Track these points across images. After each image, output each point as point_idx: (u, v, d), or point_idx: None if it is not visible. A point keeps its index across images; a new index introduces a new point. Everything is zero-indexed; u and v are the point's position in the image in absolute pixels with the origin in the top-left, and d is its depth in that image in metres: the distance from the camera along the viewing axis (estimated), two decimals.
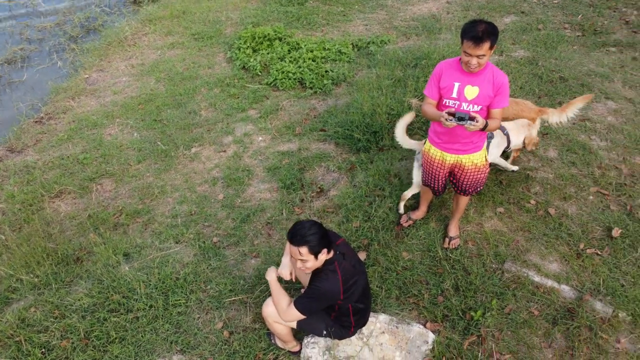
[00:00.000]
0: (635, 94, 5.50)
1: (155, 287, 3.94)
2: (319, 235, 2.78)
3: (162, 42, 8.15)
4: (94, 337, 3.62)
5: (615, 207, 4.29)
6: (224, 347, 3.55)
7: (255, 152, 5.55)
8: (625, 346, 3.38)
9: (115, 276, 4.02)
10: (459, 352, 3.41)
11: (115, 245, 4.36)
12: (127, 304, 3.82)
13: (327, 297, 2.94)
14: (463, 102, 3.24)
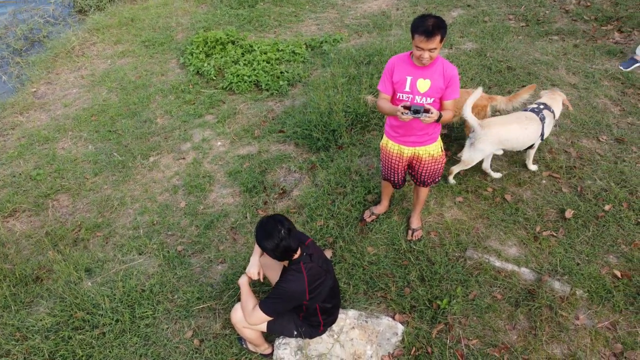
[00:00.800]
0: (579, 80, 5.74)
1: (120, 300, 3.86)
2: (287, 224, 2.82)
3: (112, 51, 7.96)
4: (59, 357, 3.52)
5: (566, 189, 4.48)
6: (195, 356, 3.52)
7: (215, 157, 5.51)
8: (584, 322, 3.54)
9: (78, 293, 3.92)
10: (428, 340, 3.49)
11: (75, 262, 4.25)
12: (92, 321, 3.73)
13: (293, 298, 2.95)
14: (416, 96, 3.31)
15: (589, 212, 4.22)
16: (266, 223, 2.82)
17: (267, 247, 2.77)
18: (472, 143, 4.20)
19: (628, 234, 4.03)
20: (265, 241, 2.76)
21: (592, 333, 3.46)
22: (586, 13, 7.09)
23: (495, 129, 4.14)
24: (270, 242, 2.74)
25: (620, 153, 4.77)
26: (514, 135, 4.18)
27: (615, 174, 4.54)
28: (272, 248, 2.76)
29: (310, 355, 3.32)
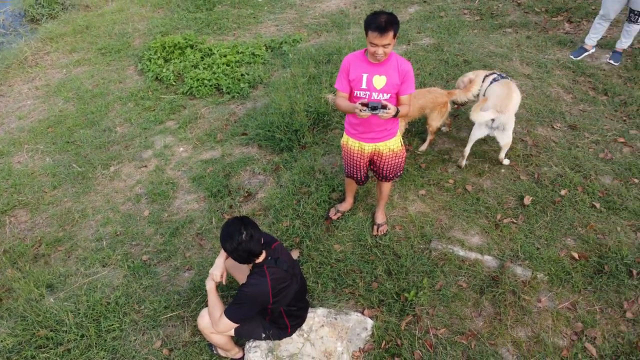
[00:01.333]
0: (532, 70, 5.90)
1: (85, 315, 3.78)
2: (251, 226, 2.80)
3: (67, 60, 7.78)
4: None
5: (524, 176, 4.60)
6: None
7: (178, 164, 5.44)
8: (546, 304, 3.64)
9: (40, 310, 3.82)
10: (398, 333, 3.53)
11: (36, 278, 4.14)
12: (56, 338, 3.64)
13: (256, 302, 2.93)
14: (373, 92, 3.34)
15: (547, 198, 4.34)
16: (229, 225, 2.79)
17: (227, 248, 2.76)
18: (504, 129, 4.34)
19: (584, 217, 4.17)
20: (226, 243, 2.74)
21: (554, 314, 3.56)
22: (537, 5, 7.29)
23: (510, 108, 4.30)
24: (230, 244, 2.72)
25: (573, 139, 4.93)
26: (518, 100, 4.43)
27: (570, 160, 4.69)
28: (232, 250, 2.74)
29: (281, 357, 3.32)
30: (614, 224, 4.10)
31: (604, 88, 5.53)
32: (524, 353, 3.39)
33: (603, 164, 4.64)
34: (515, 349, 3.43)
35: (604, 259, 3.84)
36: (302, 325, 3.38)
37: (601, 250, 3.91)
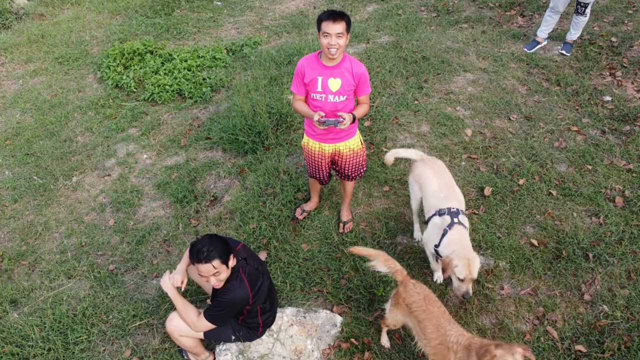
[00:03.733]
0: (488, 64, 6.06)
1: (51, 328, 3.72)
2: (222, 244, 2.79)
3: (23, 70, 7.59)
4: None
5: (484, 168, 4.73)
6: None
7: (142, 171, 5.39)
8: (508, 291, 3.76)
9: (4, 326, 3.74)
10: (366, 329, 3.59)
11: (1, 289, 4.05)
12: (21, 353, 3.57)
13: (238, 305, 2.96)
14: (329, 94, 3.38)
15: (506, 188, 4.48)
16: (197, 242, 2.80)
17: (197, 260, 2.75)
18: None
19: (541, 205, 4.31)
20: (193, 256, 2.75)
21: (517, 301, 3.68)
22: (491, 0, 7.48)
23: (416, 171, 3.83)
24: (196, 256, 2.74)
25: (529, 130, 5.09)
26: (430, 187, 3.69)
27: (527, 150, 4.84)
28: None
29: (252, 358, 3.34)
30: (570, 210, 4.25)
31: (556, 79, 5.72)
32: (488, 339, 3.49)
33: (558, 152, 4.80)
34: (480, 335, 3.53)
35: (561, 244, 3.98)
36: (271, 326, 3.40)
37: (559, 236, 4.05)
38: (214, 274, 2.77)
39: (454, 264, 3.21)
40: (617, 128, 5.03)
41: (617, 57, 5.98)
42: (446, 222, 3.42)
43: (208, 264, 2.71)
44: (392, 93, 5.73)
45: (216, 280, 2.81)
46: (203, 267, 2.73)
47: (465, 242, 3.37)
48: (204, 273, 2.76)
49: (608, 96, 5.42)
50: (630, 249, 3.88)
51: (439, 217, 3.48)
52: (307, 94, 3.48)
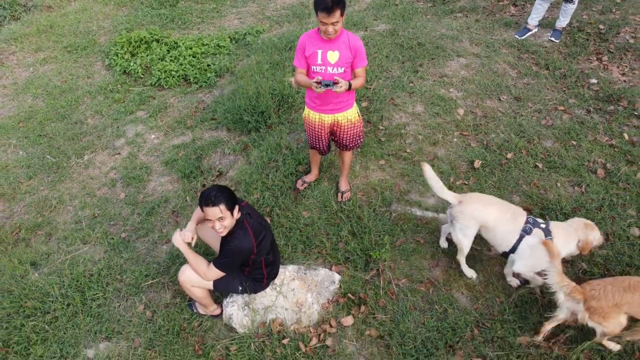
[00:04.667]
0: (480, 50, 6.33)
1: (69, 286, 4.00)
2: (228, 193, 3.07)
3: (33, 58, 7.87)
4: (13, 343, 3.63)
5: (475, 144, 5.00)
6: (149, 325, 3.74)
7: (150, 150, 5.67)
8: (495, 253, 4.03)
9: (25, 284, 4.02)
10: (363, 285, 3.87)
11: (19, 257, 4.32)
12: (43, 307, 3.85)
13: (243, 253, 3.23)
14: (328, 66, 3.66)
15: (494, 161, 4.75)
16: (207, 189, 3.08)
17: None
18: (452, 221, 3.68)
19: (527, 176, 4.59)
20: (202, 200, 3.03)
21: (499, 260, 3.96)
22: None
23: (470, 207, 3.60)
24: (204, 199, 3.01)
25: (518, 109, 5.37)
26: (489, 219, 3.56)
27: (515, 127, 5.12)
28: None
29: (257, 309, 3.62)
30: (554, 180, 4.53)
31: (545, 63, 6.00)
32: (476, 294, 3.78)
33: (545, 129, 5.08)
34: (468, 292, 3.81)
35: (545, 210, 4.26)
36: (275, 279, 3.68)
37: (543, 204, 4.33)
38: (219, 218, 3.03)
39: (591, 239, 3.38)
40: (601, 108, 5.30)
41: (604, 43, 6.26)
42: (540, 233, 3.39)
43: (215, 207, 2.98)
44: (388, 76, 6.00)
45: (220, 226, 3.08)
46: (210, 211, 3.00)
47: (564, 228, 3.45)
48: (211, 216, 3.03)
49: (594, 79, 5.69)
50: (609, 215, 4.15)
51: (530, 235, 3.42)
52: (308, 68, 3.76)
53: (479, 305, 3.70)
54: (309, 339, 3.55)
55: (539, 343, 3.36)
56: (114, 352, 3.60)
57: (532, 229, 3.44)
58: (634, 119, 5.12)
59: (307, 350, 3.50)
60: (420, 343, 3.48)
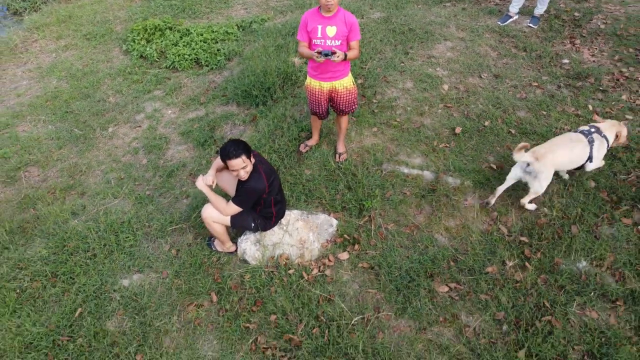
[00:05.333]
0: (465, 34, 6.99)
1: (105, 230, 4.66)
2: (244, 144, 3.71)
3: (55, 45, 8.52)
4: (60, 274, 4.29)
5: (457, 114, 5.66)
6: (174, 261, 4.39)
7: (168, 123, 6.32)
8: (471, 202, 4.69)
9: (67, 229, 4.68)
10: (357, 228, 4.52)
11: (59, 207, 4.98)
12: (83, 247, 4.51)
13: (257, 192, 3.88)
14: (327, 39, 4.31)
15: (473, 128, 5.41)
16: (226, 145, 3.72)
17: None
18: (535, 176, 4.31)
19: (502, 140, 5.24)
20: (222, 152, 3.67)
21: (477, 209, 4.61)
22: None
23: (547, 159, 4.27)
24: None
25: (497, 85, 6.02)
26: (565, 157, 4.35)
27: (493, 100, 5.77)
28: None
29: (267, 245, 4.28)
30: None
31: (523, 46, 6.66)
32: (453, 235, 4.43)
33: (519, 102, 5.74)
34: (447, 233, 4.46)
35: None
36: (282, 219, 4.33)
37: (514, 162, 4.97)
38: (243, 167, 3.68)
39: (624, 133, 4.51)
40: (571, 84, 5.96)
41: (578, 28, 6.91)
42: (597, 136, 4.39)
43: (238, 158, 3.62)
44: (381, 58, 6.66)
45: (244, 173, 3.72)
46: (234, 162, 3.64)
47: (608, 127, 4.49)
48: (235, 167, 3.66)
49: (566, 59, 6.35)
50: (569, 171, 4.81)
51: (595, 142, 4.36)
52: (310, 41, 4.41)
53: (454, 243, 4.36)
54: (311, 270, 4.22)
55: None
56: (146, 282, 4.26)
57: (592, 138, 4.37)
58: (599, 93, 5.78)
59: (309, 278, 4.16)
60: (405, 272, 4.14)
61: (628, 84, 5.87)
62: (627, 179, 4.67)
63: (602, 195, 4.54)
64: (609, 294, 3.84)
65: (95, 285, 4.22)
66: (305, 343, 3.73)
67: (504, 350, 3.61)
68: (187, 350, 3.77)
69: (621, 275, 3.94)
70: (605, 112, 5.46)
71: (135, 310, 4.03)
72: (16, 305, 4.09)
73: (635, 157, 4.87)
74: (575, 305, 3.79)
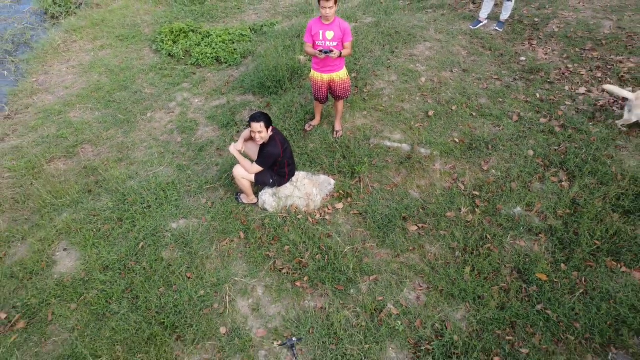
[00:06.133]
0: (442, 36, 8.37)
1: (155, 189, 6.04)
2: (267, 117, 5.10)
3: (92, 46, 9.91)
4: (124, 219, 5.68)
5: (430, 101, 7.04)
6: (210, 210, 5.78)
7: (196, 109, 7.70)
8: (438, 167, 6.06)
9: (126, 187, 6.08)
10: (349, 187, 5.90)
11: (118, 172, 6.38)
12: (140, 200, 5.90)
13: (274, 156, 5.27)
14: (326, 41, 5.69)
15: (443, 111, 6.79)
16: (255, 112, 5.10)
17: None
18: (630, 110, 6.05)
19: (465, 120, 6.63)
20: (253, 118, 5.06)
21: (442, 172, 5.99)
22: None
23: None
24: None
25: (464, 78, 7.41)
26: None
27: (460, 89, 7.16)
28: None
29: (281, 196, 5.66)
30: (482, 123, 6.57)
31: (489, 46, 8.04)
32: (422, 191, 5.81)
33: (481, 91, 7.12)
34: (418, 189, 5.84)
35: (473, 141, 6.29)
36: (292, 177, 5.72)
37: (472, 137, 6.36)
38: (259, 132, 5.07)
39: None
40: (525, 77, 7.34)
41: (536, 32, 8.30)
42: None
43: (259, 122, 5.01)
44: (372, 56, 8.05)
45: (259, 137, 5.11)
46: (255, 125, 5.03)
47: None
48: (255, 129, 5.05)
49: (524, 57, 7.73)
50: (515, 143, 6.19)
51: None
52: (313, 42, 5.79)
53: (423, 196, 5.75)
54: (314, 216, 5.60)
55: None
56: (190, 225, 5.65)
57: None
58: (547, 84, 7.16)
59: (313, 221, 5.54)
60: (385, 216, 5.52)
61: (571, 77, 7.26)
62: (558, 149, 6.05)
63: (537, 161, 5.93)
64: (534, 229, 5.23)
65: (151, 227, 5.60)
66: (310, 264, 5.11)
67: (455, 267, 4.99)
68: (224, 270, 5.16)
69: (545, 216, 5.33)
70: (549, 99, 6.84)
71: (183, 244, 5.42)
72: (94, 241, 5.48)
73: (567, 133, 6.25)
74: (509, 237, 5.18)
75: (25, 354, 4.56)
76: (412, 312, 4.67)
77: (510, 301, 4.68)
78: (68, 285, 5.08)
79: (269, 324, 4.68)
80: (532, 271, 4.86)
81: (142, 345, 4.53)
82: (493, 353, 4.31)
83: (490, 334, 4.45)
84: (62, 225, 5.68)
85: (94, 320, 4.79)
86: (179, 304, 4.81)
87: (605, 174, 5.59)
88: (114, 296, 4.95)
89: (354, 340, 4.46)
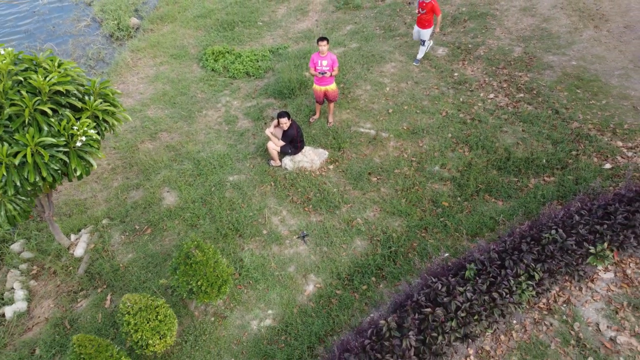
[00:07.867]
0: (404, 58, 12.10)
1: (217, 158, 9.76)
2: (288, 113, 8.84)
3: (153, 62, 13.62)
4: (201, 174, 9.42)
5: (391, 103, 10.77)
6: (252, 170, 9.51)
7: (236, 108, 11.43)
8: (393, 145, 9.78)
9: (199, 156, 9.81)
10: (337, 156, 9.62)
11: (192, 147, 10.13)
12: (209, 164, 9.63)
13: (292, 136, 8.99)
14: (322, 67, 9.42)
15: (399, 109, 10.52)
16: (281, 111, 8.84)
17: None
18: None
19: (411, 116, 10.34)
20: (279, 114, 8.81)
21: (394, 147, 9.70)
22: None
23: None
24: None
25: (415, 87, 11.13)
26: None
27: (411, 95, 10.88)
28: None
29: (295, 160, 9.39)
30: (421, 117, 10.28)
31: (435, 65, 11.77)
32: (381, 158, 9.53)
33: (425, 97, 10.84)
34: (379, 157, 9.56)
35: (416, 129, 10.01)
36: (302, 150, 9.46)
37: (415, 126, 10.07)
38: (285, 123, 8.81)
39: None
40: (455, 87, 11.06)
41: (469, 55, 12.03)
42: None
43: (285, 118, 8.78)
44: (354, 72, 11.77)
45: (285, 125, 8.85)
46: (282, 119, 8.79)
47: None
48: (282, 121, 8.82)
49: (456, 73, 11.46)
50: (440, 129, 9.89)
51: None
52: (315, 67, 9.53)
53: (382, 161, 9.47)
54: (316, 172, 9.32)
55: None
56: (241, 178, 9.36)
57: None
58: (469, 92, 10.88)
59: (315, 175, 9.26)
60: (357, 172, 9.23)
61: (486, 86, 10.98)
62: (466, 132, 9.78)
63: (452, 140, 9.66)
64: (444, 178, 8.96)
65: (218, 179, 9.33)
66: (313, 198, 8.83)
67: (397, 199, 8.71)
68: (262, 202, 8.88)
69: (450, 171, 9.06)
70: (468, 102, 10.57)
71: (238, 188, 9.15)
72: (185, 187, 9.21)
73: (474, 123, 9.98)
74: (429, 183, 8.91)
75: (155, 244, 8.31)
76: (370, 222, 8.41)
77: (426, 216, 8.42)
78: (173, 210, 8.83)
79: (290, 229, 8.43)
80: (440, 201, 8.59)
81: (219, 239, 8.27)
82: (413, 242, 8.05)
83: (413, 233, 8.19)
84: (163, 178, 9.43)
85: (189, 228, 8.54)
86: (239, 219, 8.55)
87: (491, 147, 9.33)
88: (200, 216, 8.69)
89: (337, 235, 8.20)
